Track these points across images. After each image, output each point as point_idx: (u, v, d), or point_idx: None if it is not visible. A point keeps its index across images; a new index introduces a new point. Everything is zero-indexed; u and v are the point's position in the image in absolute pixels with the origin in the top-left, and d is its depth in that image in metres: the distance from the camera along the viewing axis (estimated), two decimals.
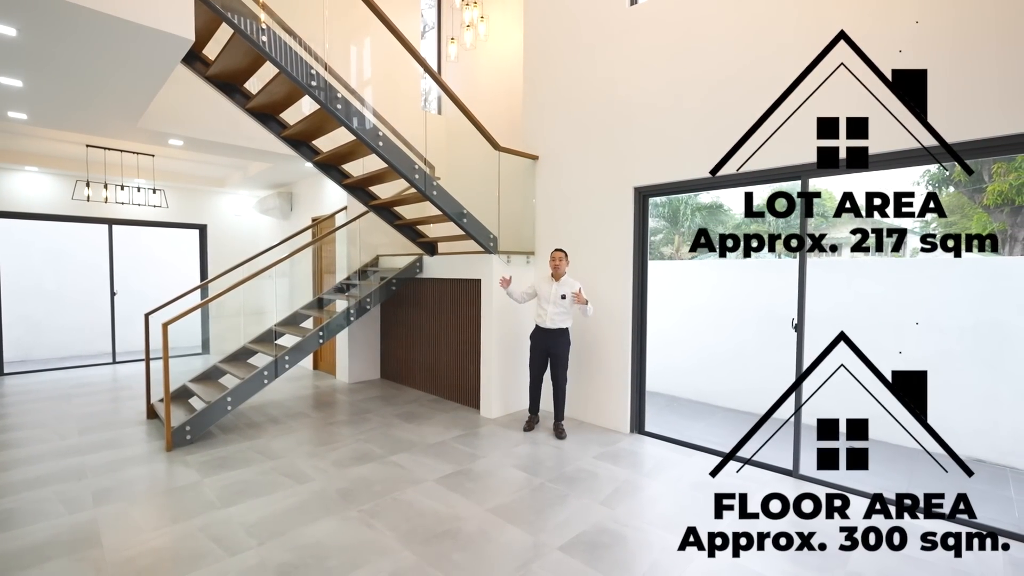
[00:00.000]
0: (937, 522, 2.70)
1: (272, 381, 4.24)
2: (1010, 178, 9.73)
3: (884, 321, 4.23)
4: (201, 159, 6.41)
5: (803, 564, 2.32)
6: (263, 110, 3.90)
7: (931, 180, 12.10)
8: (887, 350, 4.21)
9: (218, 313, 6.86)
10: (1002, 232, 10.27)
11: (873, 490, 3.04)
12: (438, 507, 2.84)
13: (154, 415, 4.43)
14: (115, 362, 7.08)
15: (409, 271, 5.26)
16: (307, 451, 3.72)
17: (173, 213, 7.46)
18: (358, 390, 5.62)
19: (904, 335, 4.13)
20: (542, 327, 4.06)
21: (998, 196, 9.85)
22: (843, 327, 4.37)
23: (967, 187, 11.49)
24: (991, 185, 10.10)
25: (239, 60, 3.39)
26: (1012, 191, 9.65)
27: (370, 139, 3.57)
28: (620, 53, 4.14)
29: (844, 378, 4.29)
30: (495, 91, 6.35)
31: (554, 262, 4.03)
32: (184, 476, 3.25)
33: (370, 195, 4.87)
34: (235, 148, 5.26)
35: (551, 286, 4.03)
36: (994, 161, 10.05)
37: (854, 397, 4.14)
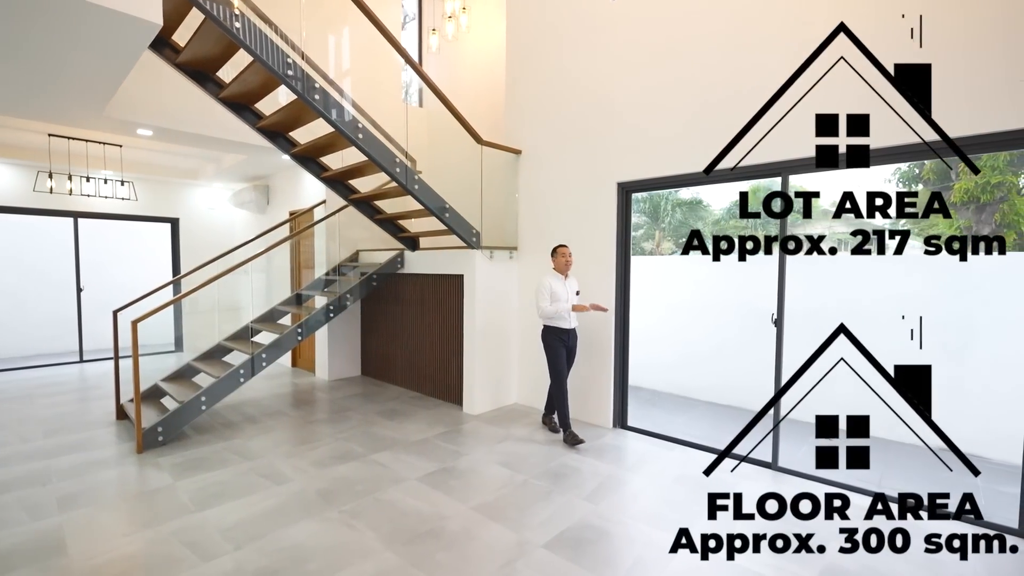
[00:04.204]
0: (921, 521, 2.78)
1: (249, 380, 4.12)
2: (976, 177, 10.06)
3: (860, 315, 4.33)
4: (172, 150, 6.17)
5: (783, 557, 2.35)
6: (237, 100, 3.77)
7: (901, 178, 12.46)
8: (865, 344, 4.31)
9: (192, 310, 6.67)
10: (967, 229, 10.64)
11: (855, 483, 3.12)
12: (421, 506, 2.81)
13: (124, 416, 4.27)
14: (83, 361, 6.81)
15: (390, 266, 5.18)
16: (286, 451, 3.63)
17: (143, 206, 7.19)
18: (338, 387, 5.52)
19: (880, 329, 4.24)
20: (565, 328, 3.88)
21: (964, 194, 10.19)
22: (820, 322, 4.47)
23: (935, 185, 11.87)
24: (958, 183, 10.44)
25: (211, 47, 3.26)
26: (977, 189, 9.99)
27: (349, 131, 3.48)
28: (604, 46, 4.12)
29: (836, 372, 4.35)
30: (477, 84, 6.27)
31: (565, 258, 3.91)
32: (156, 479, 3.14)
33: (350, 189, 4.76)
34: (208, 139, 5.08)
35: (564, 284, 3.91)
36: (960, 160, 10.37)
37: (844, 392, 4.22)
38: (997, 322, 3.71)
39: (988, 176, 10.07)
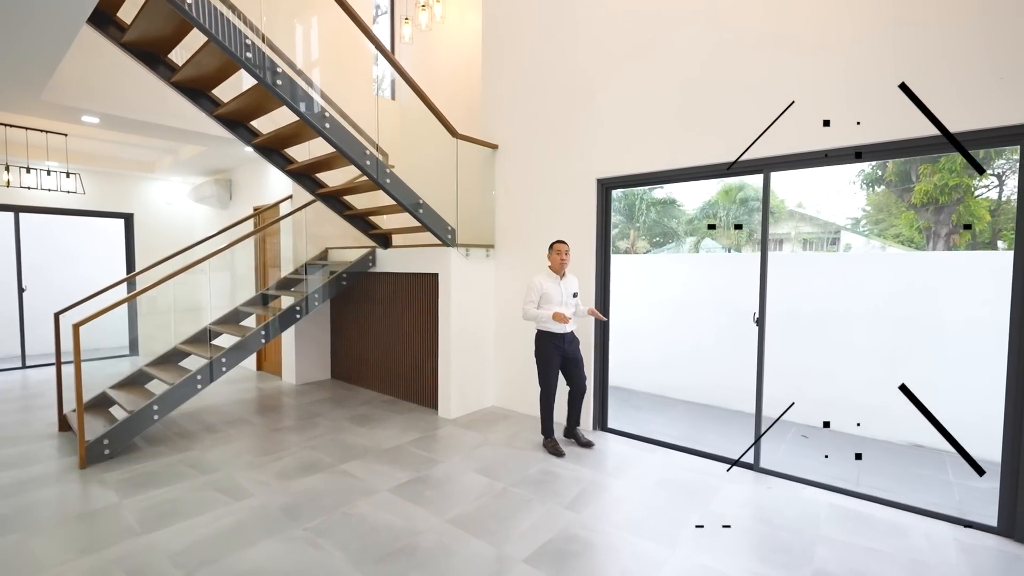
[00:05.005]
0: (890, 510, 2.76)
1: (207, 386, 3.85)
2: (935, 179, 10.44)
3: (832, 313, 4.37)
4: (124, 140, 5.76)
5: (770, 563, 2.28)
6: (192, 85, 3.49)
7: (865, 180, 12.86)
8: (837, 341, 4.34)
9: (151, 310, 6.27)
10: (927, 229, 11.05)
11: (836, 483, 3.10)
12: (393, 520, 2.63)
13: (67, 427, 3.93)
14: (25, 367, 6.32)
15: (361, 265, 4.95)
16: (247, 462, 3.39)
17: (93, 200, 6.72)
18: (306, 392, 5.26)
19: (852, 326, 4.27)
20: (558, 332, 3.56)
21: (924, 195, 10.56)
22: (795, 321, 4.48)
23: (897, 186, 12.29)
24: (918, 185, 10.82)
25: (161, 25, 2.99)
26: (936, 191, 10.37)
27: (315, 120, 3.26)
28: (584, 38, 4.00)
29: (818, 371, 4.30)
30: (452, 76, 6.08)
31: (560, 256, 3.56)
32: (99, 497, 2.86)
33: (317, 183, 4.52)
34: (162, 128, 4.75)
35: (558, 285, 3.59)
36: (921, 162, 10.77)
37: (822, 391, 4.16)
38: (965, 320, 3.77)
39: (947, 178, 10.46)
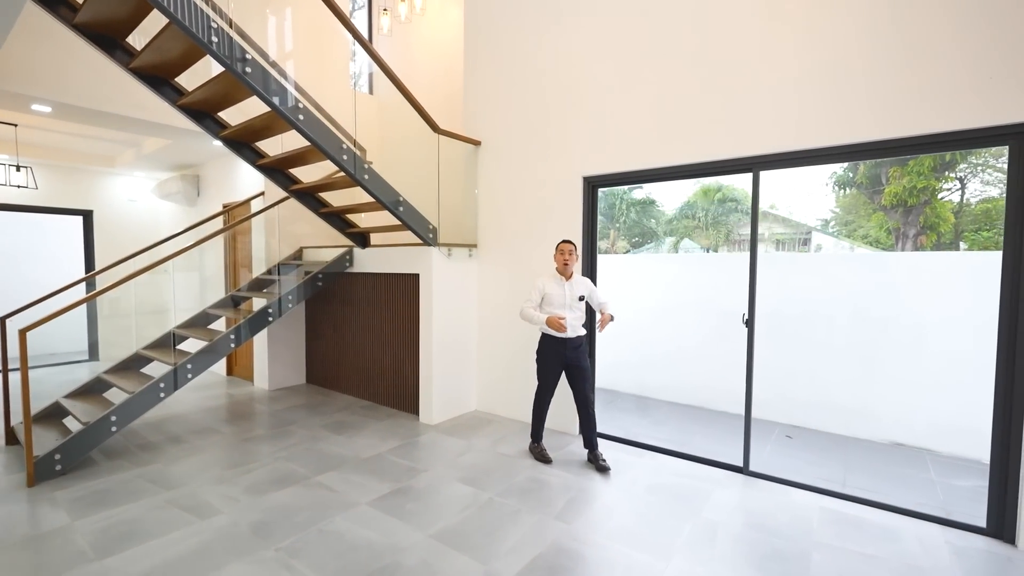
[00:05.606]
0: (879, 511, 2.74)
1: (171, 394, 3.60)
2: (904, 181, 10.75)
3: (816, 314, 4.38)
4: (81, 132, 5.40)
5: (768, 573, 2.22)
6: (153, 72, 3.25)
7: (837, 182, 13.17)
8: (819, 342, 4.35)
9: (112, 312, 5.93)
10: (896, 230, 11.37)
11: (823, 484, 3.07)
12: (373, 537, 2.47)
13: (15, 441, 3.63)
14: None
15: (338, 264, 4.74)
16: (214, 476, 3.17)
17: (47, 196, 6.31)
18: (279, 398, 5.02)
19: (834, 327, 4.29)
20: (558, 337, 3.37)
21: (893, 197, 10.86)
22: (780, 321, 4.48)
23: (867, 189, 12.61)
24: (888, 187, 11.12)
25: (116, 6, 2.76)
26: (905, 193, 10.67)
27: (288, 111, 3.07)
28: (569, 32, 3.90)
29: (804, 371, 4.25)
30: (433, 71, 5.91)
31: (564, 256, 3.36)
32: (49, 519, 2.62)
33: (291, 179, 4.31)
34: (121, 119, 4.45)
35: (562, 287, 3.41)
36: (890, 165, 11.07)
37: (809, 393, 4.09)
38: (946, 319, 3.82)
39: (915, 180, 10.77)
